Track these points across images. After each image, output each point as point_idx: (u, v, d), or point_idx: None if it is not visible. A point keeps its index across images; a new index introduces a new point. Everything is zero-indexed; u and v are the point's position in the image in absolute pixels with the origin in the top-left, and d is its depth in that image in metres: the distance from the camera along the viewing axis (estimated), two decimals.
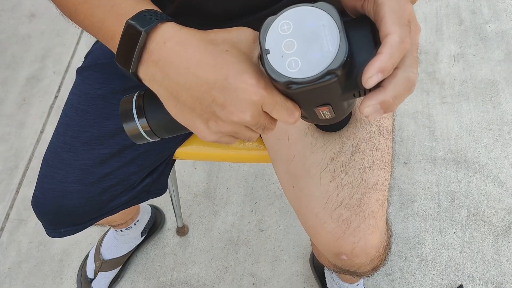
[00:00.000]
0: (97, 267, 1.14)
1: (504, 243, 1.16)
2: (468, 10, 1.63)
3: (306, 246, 1.20)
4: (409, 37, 0.37)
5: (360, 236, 0.61)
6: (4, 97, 1.59)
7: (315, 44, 0.35)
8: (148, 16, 0.42)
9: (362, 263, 0.64)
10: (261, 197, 1.29)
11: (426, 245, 1.18)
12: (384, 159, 0.64)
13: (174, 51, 0.41)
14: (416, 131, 1.36)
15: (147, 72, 0.43)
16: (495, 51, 1.51)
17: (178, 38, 0.41)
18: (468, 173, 1.28)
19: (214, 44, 0.41)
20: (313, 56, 0.35)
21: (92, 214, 0.74)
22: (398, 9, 0.38)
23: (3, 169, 1.41)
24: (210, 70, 0.40)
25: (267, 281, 1.16)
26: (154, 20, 0.42)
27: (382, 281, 1.13)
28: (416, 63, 0.39)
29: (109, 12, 0.46)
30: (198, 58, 0.40)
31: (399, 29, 0.37)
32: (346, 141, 0.63)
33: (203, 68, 0.40)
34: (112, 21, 0.46)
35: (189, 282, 1.17)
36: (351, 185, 0.62)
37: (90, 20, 0.47)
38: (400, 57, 0.37)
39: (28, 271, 1.22)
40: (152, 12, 0.43)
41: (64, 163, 0.70)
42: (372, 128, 0.65)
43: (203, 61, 0.40)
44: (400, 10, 0.38)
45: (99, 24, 0.47)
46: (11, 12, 1.83)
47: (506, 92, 1.41)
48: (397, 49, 0.37)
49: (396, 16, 0.37)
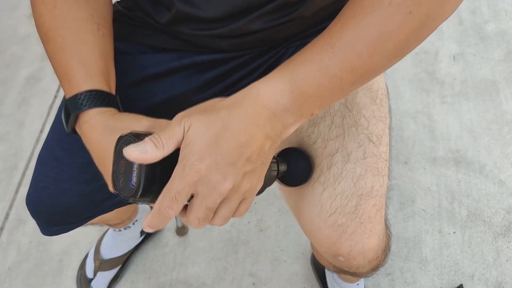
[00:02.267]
0: (97, 266, 1.14)
1: (504, 242, 1.16)
2: (468, 10, 1.63)
3: (306, 246, 1.19)
4: (168, 205, 0.44)
5: (357, 240, 0.61)
6: (4, 97, 1.59)
7: (131, 173, 0.45)
8: (80, 101, 0.56)
9: (360, 264, 0.64)
10: (261, 197, 1.29)
11: (426, 245, 1.18)
12: (377, 165, 0.64)
13: (87, 131, 0.56)
14: (416, 131, 1.36)
15: (79, 135, 0.58)
16: (495, 50, 1.51)
17: (91, 123, 0.55)
18: (468, 173, 1.27)
19: (112, 132, 0.53)
20: (128, 182, 0.45)
21: (87, 212, 0.74)
22: (177, 175, 0.44)
23: (2, 169, 1.41)
24: (99, 151, 0.55)
25: (267, 281, 1.15)
26: (82, 107, 0.55)
27: (382, 281, 1.13)
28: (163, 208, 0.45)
29: (64, 77, 0.59)
30: (96, 141, 0.55)
31: (161, 199, 0.44)
32: (335, 155, 0.63)
33: (96, 148, 0.55)
34: (64, 84, 0.59)
35: (189, 282, 1.17)
36: (345, 193, 0.62)
37: (55, 71, 0.61)
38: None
39: (28, 271, 1.22)
40: (87, 96, 0.56)
41: (58, 161, 0.70)
42: (361, 137, 0.64)
43: (98, 143, 0.55)
44: (178, 177, 0.44)
45: (58, 78, 0.60)
46: (11, 12, 1.83)
47: (506, 91, 1.41)
48: (152, 219, 0.45)
49: (168, 185, 0.44)
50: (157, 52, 0.72)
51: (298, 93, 0.47)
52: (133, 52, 0.72)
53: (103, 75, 0.59)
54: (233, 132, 0.44)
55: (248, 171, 0.46)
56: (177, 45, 0.70)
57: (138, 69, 0.71)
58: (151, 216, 0.45)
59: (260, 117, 0.46)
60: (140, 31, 0.72)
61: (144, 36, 0.72)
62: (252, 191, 0.48)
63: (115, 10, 0.76)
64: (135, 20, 0.72)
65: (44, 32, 0.61)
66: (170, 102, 0.72)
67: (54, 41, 0.59)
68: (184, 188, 0.43)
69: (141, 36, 0.72)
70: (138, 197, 0.44)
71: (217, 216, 0.46)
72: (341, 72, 0.47)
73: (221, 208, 0.46)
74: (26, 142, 1.46)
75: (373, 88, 0.68)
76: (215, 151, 0.43)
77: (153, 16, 0.67)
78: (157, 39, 0.71)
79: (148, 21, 0.70)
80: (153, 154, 0.43)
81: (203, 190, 0.44)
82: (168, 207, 0.43)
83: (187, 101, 0.73)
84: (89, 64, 0.58)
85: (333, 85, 0.48)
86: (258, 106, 0.46)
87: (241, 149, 0.44)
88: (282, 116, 0.47)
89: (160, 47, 0.72)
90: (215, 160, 0.43)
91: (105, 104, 0.56)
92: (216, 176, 0.43)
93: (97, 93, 0.56)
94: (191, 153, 0.43)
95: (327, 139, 0.64)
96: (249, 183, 0.46)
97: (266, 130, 0.46)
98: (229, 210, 0.46)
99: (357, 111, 0.65)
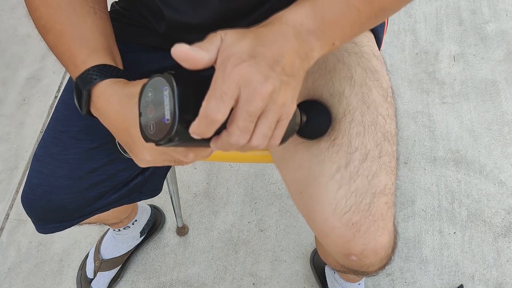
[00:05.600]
0: (97, 266, 1.14)
1: (504, 243, 1.16)
2: (468, 10, 1.63)
3: (306, 246, 1.19)
4: (215, 106, 0.42)
5: (370, 238, 0.61)
6: (4, 97, 1.59)
7: (162, 111, 0.43)
8: (90, 76, 0.55)
9: (372, 263, 0.64)
10: (261, 197, 1.29)
11: (426, 245, 1.17)
12: (390, 164, 0.64)
13: (102, 104, 0.55)
14: (416, 131, 1.36)
15: (95, 114, 0.57)
16: (495, 51, 1.51)
17: (105, 95, 0.54)
18: (468, 173, 1.27)
19: (129, 97, 0.53)
20: (161, 121, 0.44)
21: (81, 210, 0.73)
22: (219, 76, 0.42)
23: (3, 169, 1.41)
24: (121, 120, 0.53)
25: (267, 281, 1.15)
26: (93, 80, 0.55)
27: (382, 281, 1.13)
28: (238, 132, 0.44)
29: (68, 61, 0.58)
30: (115, 111, 0.54)
31: (206, 102, 0.42)
32: (355, 153, 0.63)
33: (117, 119, 0.54)
34: (71, 69, 0.58)
35: (189, 282, 1.17)
36: (359, 191, 0.62)
37: (60, 60, 0.60)
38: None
39: (28, 271, 1.22)
40: (95, 70, 0.55)
41: (52, 157, 0.70)
42: (378, 135, 0.64)
43: (117, 113, 0.54)
44: (220, 78, 0.42)
45: (64, 66, 0.60)
46: (11, 12, 1.83)
47: (506, 92, 1.41)
48: (199, 124, 0.43)
49: (211, 87, 0.42)
50: (151, 51, 0.73)
51: (321, 18, 0.49)
52: (128, 50, 0.72)
53: (108, 51, 0.59)
54: (266, 41, 0.45)
55: (284, 81, 0.46)
56: (172, 46, 0.71)
57: (133, 67, 0.71)
58: (197, 121, 0.42)
59: (287, 34, 0.47)
60: (136, 31, 0.72)
61: (140, 36, 0.72)
62: (288, 109, 0.47)
63: (112, 10, 0.76)
64: (132, 19, 0.72)
65: (42, 24, 0.61)
66: None
67: (53, 28, 0.59)
68: (229, 87, 0.42)
69: (137, 36, 0.72)
70: (175, 131, 0.42)
71: (256, 133, 0.45)
72: (359, 3, 0.50)
73: (260, 123, 0.45)
74: (26, 142, 1.46)
75: (383, 86, 0.68)
76: (253, 53, 0.44)
77: (154, 25, 0.68)
78: (154, 39, 0.71)
79: (144, 22, 0.70)
80: (201, 53, 0.43)
81: (245, 93, 0.43)
82: (216, 108, 0.42)
83: None
84: (92, 42, 0.58)
85: (352, 16, 0.50)
86: (284, 25, 0.48)
87: (275, 57, 0.45)
88: (307, 38, 0.48)
89: (155, 47, 0.72)
90: (255, 60, 0.43)
91: (115, 75, 0.56)
92: (257, 75, 0.43)
93: (105, 66, 0.56)
94: (230, 54, 0.43)
95: (348, 138, 0.64)
96: (285, 96, 0.46)
97: (294, 46, 0.47)
98: (267, 126, 0.45)
99: (374, 108, 0.66)
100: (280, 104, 0.45)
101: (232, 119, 0.44)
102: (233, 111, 0.43)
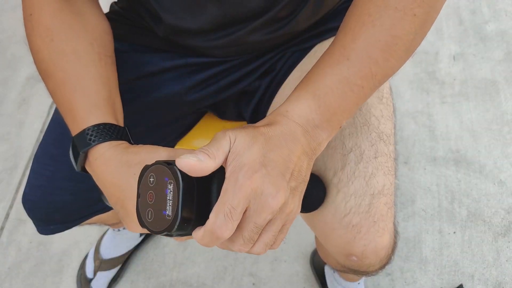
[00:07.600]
0: (96, 266, 1.14)
1: (504, 242, 1.16)
2: (468, 10, 1.63)
3: (306, 246, 1.19)
4: (224, 223, 0.41)
5: (371, 239, 0.61)
6: (4, 97, 1.59)
7: (163, 203, 0.42)
8: (88, 137, 0.53)
9: (372, 263, 0.64)
10: None
11: (426, 245, 1.18)
12: (387, 164, 0.64)
13: (100, 168, 0.52)
14: (416, 131, 1.36)
15: (91, 173, 0.55)
16: (495, 51, 1.51)
17: (103, 159, 0.52)
18: (468, 173, 1.27)
19: (129, 166, 0.50)
20: (161, 213, 0.42)
21: (82, 211, 0.74)
22: (230, 188, 0.41)
23: (3, 169, 1.41)
24: (117, 189, 0.51)
25: (267, 281, 1.15)
26: (92, 142, 0.52)
27: (382, 281, 1.13)
28: (242, 245, 0.43)
29: (67, 113, 0.56)
30: (111, 178, 0.51)
31: (214, 217, 0.41)
32: (349, 154, 0.63)
33: (113, 186, 0.51)
34: (69, 122, 0.56)
35: (189, 282, 1.17)
36: (358, 193, 0.62)
37: (58, 108, 0.57)
38: (210, 242, 0.42)
39: (28, 271, 1.22)
40: (95, 130, 0.53)
41: (53, 159, 0.70)
42: (373, 136, 0.64)
43: (114, 181, 0.51)
44: (231, 190, 0.41)
45: (63, 115, 0.57)
46: (11, 12, 1.83)
47: (506, 92, 1.41)
48: (203, 237, 0.42)
49: (221, 200, 0.41)
50: (151, 51, 0.73)
51: (325, 107, 0.48)
52: (127, 51, 0.72)
53: (109, 106, 0.56)
54: (276, 145, 0.44)
55: (293, 188, 0.45)
56: (172, 47, 0.71)
57: (132, 68, 0.71)
58: (203, 233, 0.42)
59: (295, 133, 0.46)
60: (135, 31, 0.72)
61: (139, 36, 0.72)
62: (293, 214, 0.46)
63: (111, 10, 0.76)
64: (131, 20, 0.72)
65: (43, 68, 0.58)
66: (164, 101, 0.73)
67: (55, 76, 0.56)
68: (239, 202, 0.40)
69: (137, 36, 0.72)
70: (176, 228, 0.41)
71: (259, 242, 0.44)
72: (362, 80, 0.48)
73: (265, 232, 0.44)
74: (26, 142, 1.46)
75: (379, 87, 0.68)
76: (264, 162, 0.42)
77: (153, 29, 0.68)
78: (154, 40, 0.71)
79: (143, 23, 0.70)
80: (208, 163, 0.41)
81: (255, 205, 0.42)
82: (224, 225, 0.40)
83: (181, 100, 0.73)
84: (93, 96, 0.56)
85: (356, 95, 0.49)
86: (291, 123, 0.46)
87: (286, 162, 0.44)
88: (315, 133, 0.47)
89: (155, 47, 0.72)
90: (267, 170, 0.42)
91: (115, 137, 0.53)
92: (270, 187, 0.42)
93: (106, 126, 0.53)
94: (242, 165, 0.42)
95: (341, 138, 0.64)
96: (293, 204, 0.45)
97: (303, 146, 0.46)
98: (272, 234, 0.44)
99: (367, 110, 0.65)
100: (288, 212, 0.44)
101: (238, 228, 0.43)
102: (240, 220, 0.43)
